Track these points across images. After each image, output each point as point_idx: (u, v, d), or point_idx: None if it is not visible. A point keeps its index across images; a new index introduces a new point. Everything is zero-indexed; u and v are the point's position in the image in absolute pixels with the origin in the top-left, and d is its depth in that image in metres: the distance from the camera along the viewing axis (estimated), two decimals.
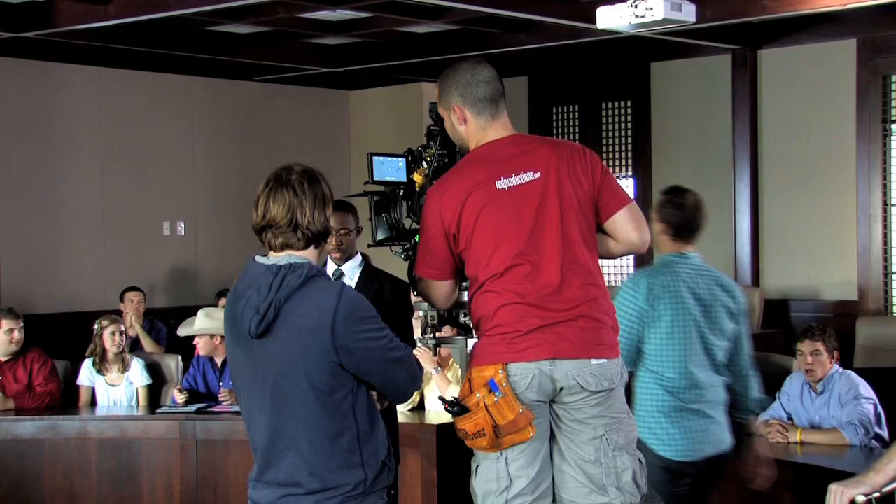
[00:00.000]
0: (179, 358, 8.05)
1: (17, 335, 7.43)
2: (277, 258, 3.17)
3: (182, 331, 7.40)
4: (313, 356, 3.08)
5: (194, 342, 7.44)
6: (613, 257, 3.91)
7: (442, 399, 3.79)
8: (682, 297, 4.49)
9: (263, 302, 3.08)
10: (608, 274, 11.33)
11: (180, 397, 7.21)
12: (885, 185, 9.96)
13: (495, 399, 3.52)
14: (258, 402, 3.20)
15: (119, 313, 8.59)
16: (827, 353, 5.78)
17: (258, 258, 3.21)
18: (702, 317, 4.51)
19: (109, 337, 7.49)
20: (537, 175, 3.63)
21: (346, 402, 3.12)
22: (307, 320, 3.08)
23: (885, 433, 5.56)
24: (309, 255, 3.20)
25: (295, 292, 3.09)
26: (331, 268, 4.91)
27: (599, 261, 3.75)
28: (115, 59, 10.30)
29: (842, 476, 3.36)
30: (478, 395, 3.56)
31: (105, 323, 7.59)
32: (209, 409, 7.09)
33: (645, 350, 4.49)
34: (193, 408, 7.16)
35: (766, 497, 5.41)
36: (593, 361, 3.60)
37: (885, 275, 10.01)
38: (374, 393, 3.24)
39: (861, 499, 3.27)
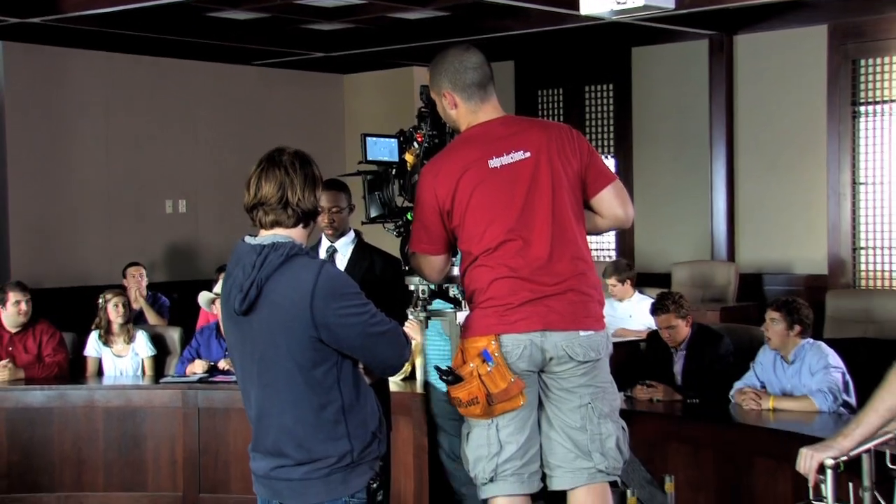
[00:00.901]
0: (181, 330, 8.05)
1: (24, 307, 7.41)
2: (263, 238, 3.13)
3: (201, 300, 7.40)
4: (294, 332, 3.04)
5: (213, 310, 7.49)
6: (600, 232, 3.92)
7: (437, 368, 3.79)
8: None
9: (246, 280, 3.05)
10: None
11: (200, 367, 7.23)
12: (853, 165, 9.98)
13: (488, 369, 3.53)
14: (248, 376, 3.18)
15: (122, 288, 8.57)
16: (784, 324, 5.79)
17: (247, 238, 3.17)
18: None
19: (113, 309, 7.48)
20: (528, 154, 3.63)
21: (329, 376, 3.08)
22: (287, 298, 3.03)
23: (852, 400, 5.59)
24: (297, 233, 3.16)
25: (276, 271, 3.04)
26: (325, 244, 4.90)
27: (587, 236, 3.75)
28: (119, 44, 10.28)
29: (812, 441, 3.36)
30: (471, 365, 3.56)
31: (109, 296, 7.58)
32: (210, 379, 7.10)
33: None
34: (195, 377, 7.17)
35: (740, 460, 5.44)
36: (581, 333, 3.61)
37: (854, 250, 10.04)
38: (362, 367, 3.19)
39: (830, 462, 3.28)
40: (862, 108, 9.99)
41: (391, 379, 5.14)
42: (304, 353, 3.05)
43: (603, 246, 11.57)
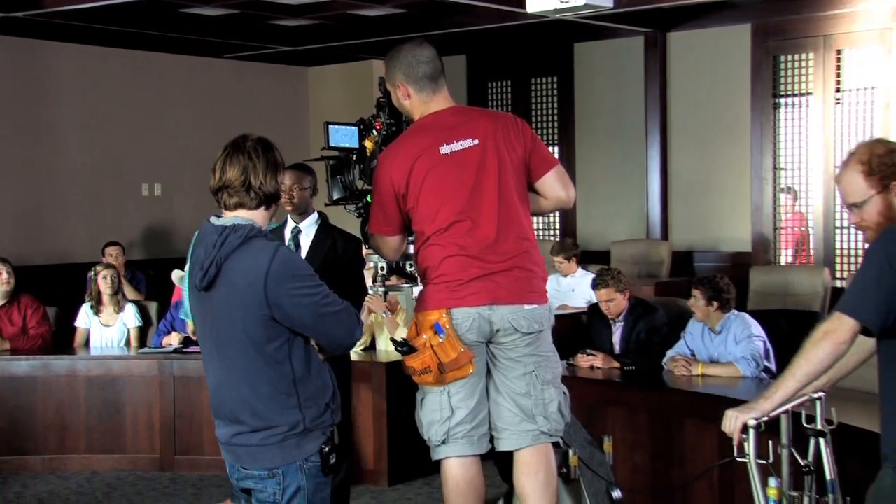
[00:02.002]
0: (157, 304, 8.02)
1: (5, 276, 7.37)
2: (225, 219, 3.09)
3: (174, 277, 7.41)
4: (249, 310, 3.00)
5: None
6: (543, 213, 3.92)
7: (393, 340, 3.78)
8: None
9: (207, 259, 3.01)
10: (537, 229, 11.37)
11: (176, 339, 7.21)
12: (774, 151, 10.06)
13: (440, 340, 3.52)
14: (208, 348, 3.15)
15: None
16: (704, 300, 5.83)
17: (212, 219, 3.13)
18: None
19: (103, 280, 7.50)
20: (476, 142, 3.61)
21: (281, 351, 3.03)
22: (243, 277, 2.99)
23: (773, 366, 5.64)
24: (259, 215, 3.11)
25: (234, 251, 3.00)
26: (290, 225, 4.86)
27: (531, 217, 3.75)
28: (97, 38, 10.18)
29: (736, 403, 3.38)
30: (424, 337, 3.55)
31: (99, 269, 7.63)
32: (184, 350, 7.07)
33: None
34: (170, 348, 7.14)
35: (672, 422, 5.48)
36: (526, 307, 3.61)
37: (774, 229, 10.13)
38: (315, 344, 3.15)
39: (752, 422, 3.30)
40: (782, 100, 10.06)
41: (355, 352, 5.11)
42: (257, 329, 3.01)
43: (548, 226, 11.59)
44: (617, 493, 4.05)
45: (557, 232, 11.34)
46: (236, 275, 3.00)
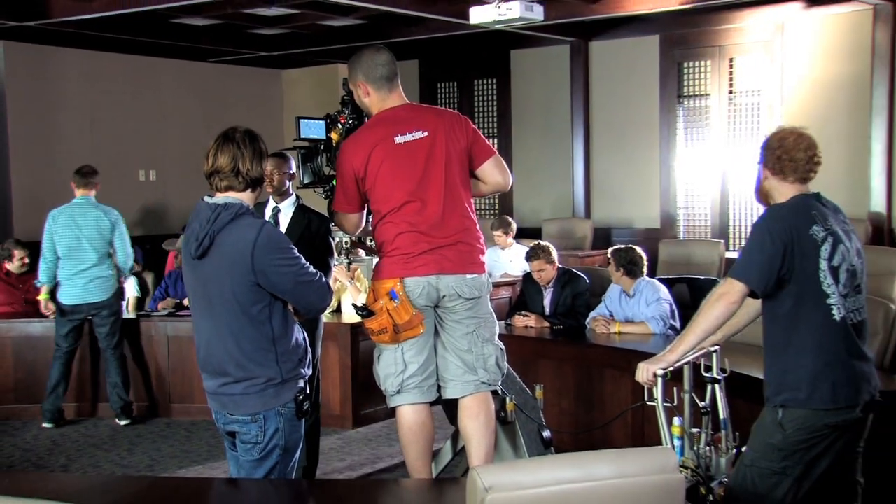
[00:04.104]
0: (153, 274, 7.93)
1: (27, 260, 7.43)
2: (217, 199, 3.07)
3: (166, 245, 7.51)
4: (237, 276, 2.98)
5: (171, 256, 7.59)
6: (483, 195, 3.90)
7: (354, 305, 3.76)
8: None
9: (202, 232, 2.99)
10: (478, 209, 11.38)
11: (170, 304, 7.14)
12: (678, 144, 10.13)
13: (394, 305, 3.50)
14: (199, 309, 3.12)
15: None
16: (614, 267, 5.88)
17: (206, 198, 3.10)
18: None
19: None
20: (426, 134, 3.58)
21: (263, 313, 3.02)
22: (233, 248, 2.98)
23: (677, 324, 5.68)
24: (246, 196, 3.10)
25: (226, 226, 2.99)
26: (271, 205, 4.80)
27: (472, 199, 3.73)
28: (100, 44, 10.11)
29: (647, 356, 3.41)
30: (381, 302, 3.53)
31: None
32: (177, 314, 6.99)
33: None
34: (165, 312, 7.06)
35: (593, 372, 5.51)
36: (468, 276, 3.59)
37: (677, 210, 10.22)
38: (292, 308, 3.14)
39: (660, 372, 3.33)
40: (685, 101, 10.13)
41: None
42: (244, 293, 3.00)
43: (489, 206, 11.59)
44: (547, 433, 4.06)
45: (497, 211, 11.35)
46: (227, 246, 2.98)
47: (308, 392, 3.15)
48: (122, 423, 6.62)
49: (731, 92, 9.79)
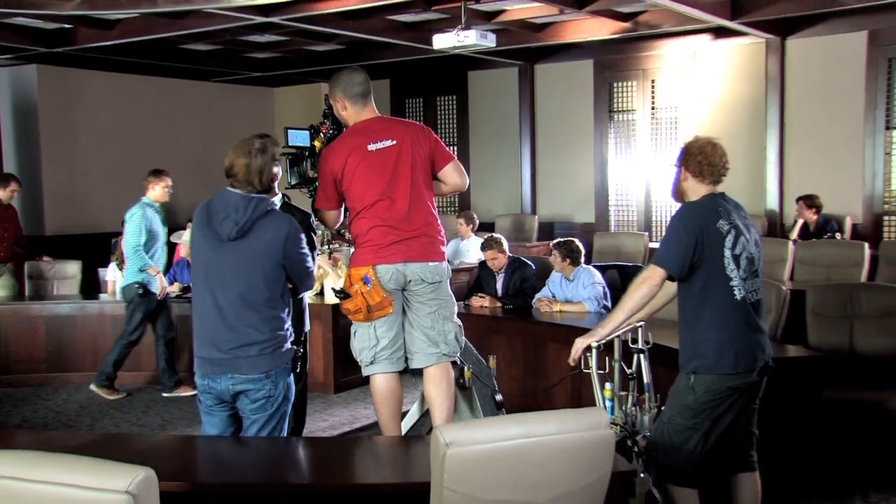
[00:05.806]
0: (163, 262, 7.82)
1: (16, 193, 7.33)
2: (243, 191, 3.08)
3: (174, 237, 7.39)
4: (270, 258, 3.06)
5: (178, 248, 7.48)
6: (444, 195, 3.88)
7: (333, 289, 3.72)
8: None
9: (242, 217, 3.03)
10: (440, 206, 11.37)
11: (177, 288, 7.04)
12: (609, 150, 10.19)
13: (368, 288, 3.48)
14: (221, 285, 3.06)
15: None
16: (559, 257, 5.84)
17: (230, 189, 3.09)
18: None
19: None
20: (395, 142, 3.55)
21: (278, 288, 3.10)
22: (270, 235, 3.05)
23: (609, 304, 5.70)
24: (266, 194, 3.14)
25: (262, 216, 3.06)
26: None
27: (434, 198, 3.71)
28: (119, 67, 10.15)
29: (584, 331, 3.42)
30: (356, 286, 3.50)
31: (118, 239, 7.52)
32: (184, 296, 6.90)
33: None
34: (174, 295, 6.96)
35: (538, 345, 5.52)
36: (430, 264, 3.57)
37: (609, 207, 10.28)
38: (290, 285, 3.19)
39: (594, 344, 3.34)
40: (615, 115, 10.18)
41: (306, 295, 5.03)
42: (272, 271, 3.08)
43: (449, 203, 11.58)
44: (499, 397, 4.07)
45: (457, 208, 11.34)
46: (265, 232, 3.04)
47: (300, 353, 3.17)
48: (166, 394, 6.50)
49: (653, 108, 9.86)
